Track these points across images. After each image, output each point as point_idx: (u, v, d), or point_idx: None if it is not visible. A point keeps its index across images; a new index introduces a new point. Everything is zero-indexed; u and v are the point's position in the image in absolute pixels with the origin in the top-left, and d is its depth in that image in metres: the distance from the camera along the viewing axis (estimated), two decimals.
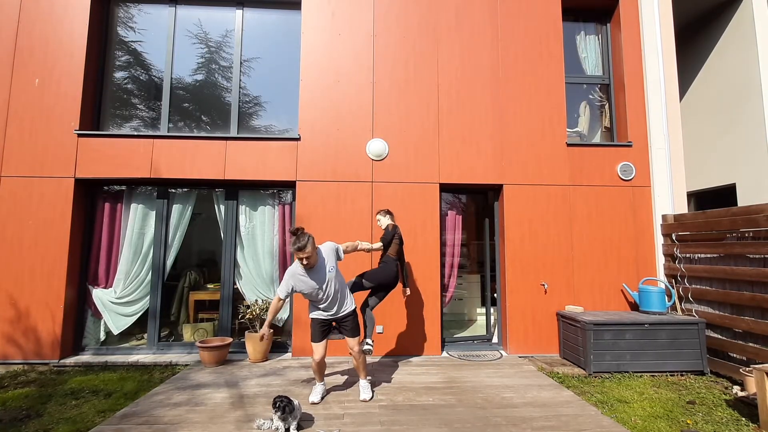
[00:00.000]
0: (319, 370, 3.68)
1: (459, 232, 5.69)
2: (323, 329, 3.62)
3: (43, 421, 3.38)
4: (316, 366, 3.64)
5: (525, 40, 5.61)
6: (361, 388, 3.74)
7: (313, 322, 3.62)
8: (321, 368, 3.68)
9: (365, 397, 3.66)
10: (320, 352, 3.59)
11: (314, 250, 3.33)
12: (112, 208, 5.32)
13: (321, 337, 3.60)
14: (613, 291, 5.33)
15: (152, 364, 4.79)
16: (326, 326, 3.64)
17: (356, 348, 3.63)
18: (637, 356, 4.50)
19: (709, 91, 7.40)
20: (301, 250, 3.23)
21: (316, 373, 3.71)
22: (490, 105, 5.48)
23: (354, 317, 3.68)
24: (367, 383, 3.78)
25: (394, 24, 5.51)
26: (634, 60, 5.73)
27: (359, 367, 3.72)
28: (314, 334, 3.61)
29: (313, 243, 3.32)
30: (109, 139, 5.15)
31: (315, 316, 3.60)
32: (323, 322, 3.60)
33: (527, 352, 5.17)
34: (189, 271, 5.75)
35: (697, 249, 4.88)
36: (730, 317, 4.39)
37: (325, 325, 3.63)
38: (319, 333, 3.60)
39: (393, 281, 4.19)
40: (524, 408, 3.51)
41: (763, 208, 4.07)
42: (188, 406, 3.52)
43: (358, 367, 3.73)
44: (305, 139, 5.27)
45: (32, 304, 4.82)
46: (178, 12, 5.65)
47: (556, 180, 5.43)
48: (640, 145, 5.61)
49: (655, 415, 3.49)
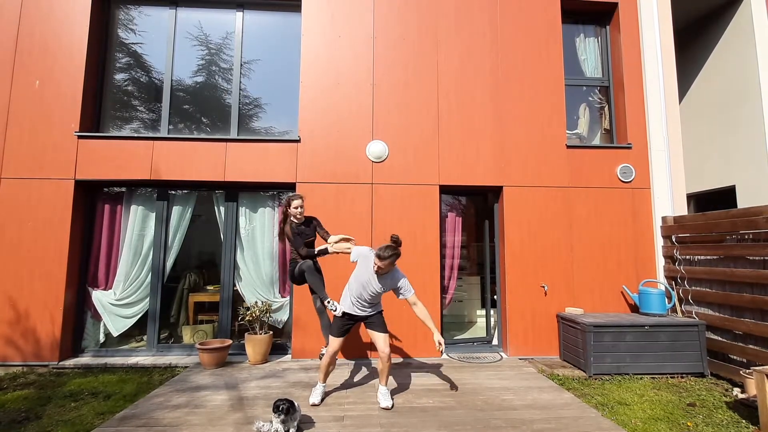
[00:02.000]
0: (329, 365, 3.65)
1: (459, 233, 5.70)
2: (347, 327, 3.65)
3: (42, 423, 3.37)
4: (328, 360, 3.61)
5: (524, 42, 5.62)
6: (381, 395, 3.60)
7: (340, 317, 3.61)
8: (332, 363, 3.68)
9: (387, 404, 3.52)
10: (337, 346, 3.60)
11: (390, 266, 3.43)
12: (112, 209, 5.32)
13: (343, 333, 3.63)
14: (613, 293, 5.33)
15: (152, 366, 4.79)
16: (351, 324, 3.67)
17: (387, 350, 3.52)
18: (637, 358, 4.49)
19: (709, 93, 7.42)
20: (379, 258, 3.34)
21: (321, 371, 3.67)
22: (489, 107, 5.49)
23: (381, 314, 3.72)
24: (386, 390, 3.63)
25: (394, 26, 5.52)
26: (633, 62, 5.74)
27: (384, 370, 3.59)
28: (337, 328, 3.62)
29: (394, 262, 3.44)
30: (109, 140, 5.16)
31: (347, 311, 3.60)
32: (351, 318, 3.62)
33: (527, 354, 5.17)
34: (189, 273, 5.74)
35: (697, 251, 4.88)
36: (730, 319, 4.39)
37: (351, 322, 3.65)
38: (343, 330, 3.63)
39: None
40: (524, 410, 3.50)
41: (762, 210, 4.07)
42: (188, 408, 3.51)
43: (383, 370, 3.60)
44: (305, 140, 5.28)
45: (31, 306, 4.82)
46: (178, 14, 5.66)
47: (556, 182, 5.44)
48: (640, 147, 5.62)
49: (655, 417, 3.48)
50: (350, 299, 3.60)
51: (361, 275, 3.54)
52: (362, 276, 3.53)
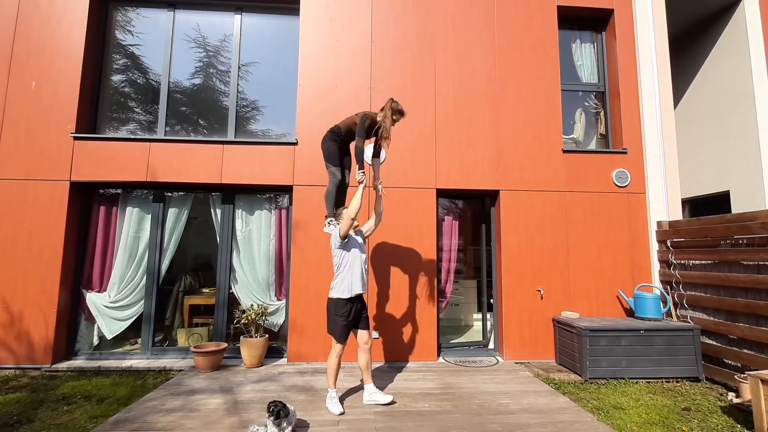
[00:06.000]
0: (338, 368, 3.59)
1: (456, 237, 5.70)
2: (348, 328, 3.59)
3: (34, 426, 3.33)
4: (336, 361, 3.54)
5: (521, 47, 5.66)
6: (377, 394, 3.68)
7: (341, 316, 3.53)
8: (340, 365, 3.61)
9: (387, 399, 3.63)
10: (343, 348, 3.57)
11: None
12: (108, 211, 5.29)
13: (347, 335, 3.59)
14: (608, 297, 5.35)
15: (146, 369, 4.75)
16: (352, 318, 3.59)
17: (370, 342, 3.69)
18: (632, 362, 4.50)
19: (703, 99, 7.49)
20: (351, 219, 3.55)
21: (332, 376, 3.56)
22: (487, 111, 5.52)
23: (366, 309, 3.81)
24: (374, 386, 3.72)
25: (392, 30, 5.55)
26: (629, 68, 5.80)
27: (369, 365, 3.67)
28: (343, 332, 3.54)
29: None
30: (106, 142, 5.14)
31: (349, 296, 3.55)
32: (351, 311, 3.57)
33: (523, 357, 5.17)
34: (184, 276, 5.71)
35: (691, 255, 4.91)
36: (724, 324, 4.41)
37: (352, 315, 3.58)
38: (347, 331, 3.58)
39: None
40: (520, 414, 3.50)
41: (756, 215, 4.11)
42: (182, 412, 3.48)
43: (367, 366, 3.66)
44: (303, 143, 5.28)
45: (25, 308, 4.77)
46: (176, 16, 5.66)
47: (552, 186, 5.46)
48: (635, 152, 5.66)
49: (650, 421, 3.49)
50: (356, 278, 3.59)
51: (354, 250, 3.64)
52: (355, 248, 3.65)
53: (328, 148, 3.94)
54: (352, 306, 3.59)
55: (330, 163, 3.91)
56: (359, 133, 3.77)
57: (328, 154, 3.93)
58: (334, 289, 3.62)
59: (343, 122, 4.02)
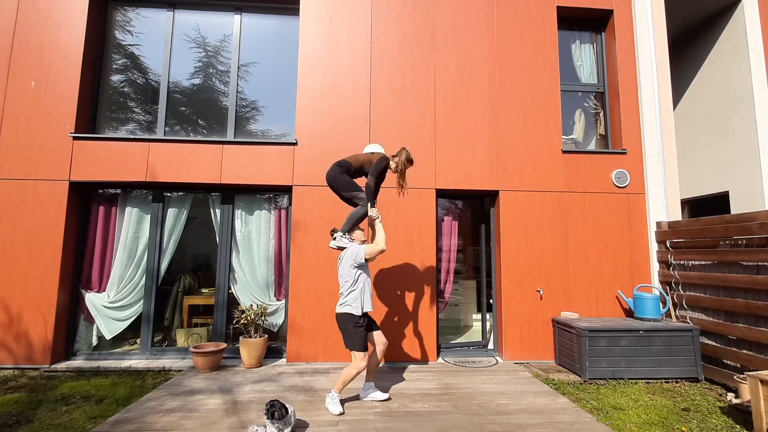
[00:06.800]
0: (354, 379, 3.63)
1: (455, 237, 5.70)
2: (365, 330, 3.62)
3: (33, 427, 3.33)
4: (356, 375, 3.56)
5: (521, 47, 5.67)
6: (375, 391, 3.80)
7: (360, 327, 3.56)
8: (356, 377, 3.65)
9: (384, 396, 3.79)
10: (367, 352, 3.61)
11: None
12: (107, 211, 5.28)
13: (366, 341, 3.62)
14: (608, 297, 5.35)
15: (145, 370, 4.74)
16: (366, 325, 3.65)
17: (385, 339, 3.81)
18: (632, 363, 4.51)
19: (703, 99, 7.50)
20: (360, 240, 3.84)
21: (344, 384, 3.59)
22: (486, 111, 5.52)
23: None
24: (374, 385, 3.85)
25: (392, 31, 5.55)
26: (628, 68, 5.80)
27: (377, 366, 3.83)
28: (361, 342, 3.55)
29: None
30: (105, 142, 5.13)
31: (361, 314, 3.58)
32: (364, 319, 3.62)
33: (523, 358, 5.17)
34: (183, 276, 5.70)
35: (691, 256, 4.91)
36: (724, 324, 4.41)
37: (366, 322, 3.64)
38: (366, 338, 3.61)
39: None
40: (520, 415, 3.50)
41: (755, 216, 4.11)
42: (181, 412, 3.48)
43: (376, 366, 3.81)
44: (302, 143, 5.28)
45: (24, 308, 4.77)
46: (176, 16, 5.66)
47: (552, 186, 5.46)
48: (635, 153, 5.66)
49: (650, 422, 3.49)
50: (367, 298, 3.65)
51: (367, 270, 3.73)
52: (366, 269, 3.73)
53: (344, 180, 3.95)
54: (365, 315, 3.66)
55: (353, 190, 3.95)
56: (373, 173, 3.90)
57: (346, 184, 3.95)
58: (345, 305, 3.60)
59: (353, 158, 4.04)
